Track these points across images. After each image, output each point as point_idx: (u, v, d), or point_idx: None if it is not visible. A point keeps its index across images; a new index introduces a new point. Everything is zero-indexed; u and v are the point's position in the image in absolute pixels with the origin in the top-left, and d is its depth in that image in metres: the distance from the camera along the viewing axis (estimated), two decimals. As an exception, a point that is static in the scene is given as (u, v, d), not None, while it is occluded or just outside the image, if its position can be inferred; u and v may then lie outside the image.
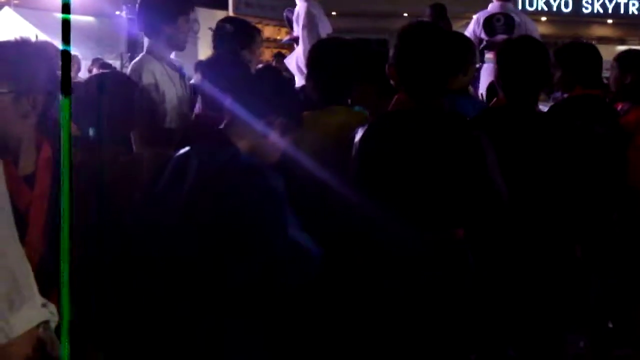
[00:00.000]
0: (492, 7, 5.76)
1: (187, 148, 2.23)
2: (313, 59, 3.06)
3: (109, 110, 2.60)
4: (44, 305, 1.12)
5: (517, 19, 5.64)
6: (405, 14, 15.71)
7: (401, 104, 2.56)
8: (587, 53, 3.62)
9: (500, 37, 5.15)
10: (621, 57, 3.89)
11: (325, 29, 5.97)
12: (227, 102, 2.26)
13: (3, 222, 1.15)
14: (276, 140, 2.22)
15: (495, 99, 3.18)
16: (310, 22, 5.97)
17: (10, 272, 1.08)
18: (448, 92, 2.69)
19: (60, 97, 0.84)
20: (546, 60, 3.02)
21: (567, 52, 3.61)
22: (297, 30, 6.22)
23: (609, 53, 5.28)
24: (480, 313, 2.58)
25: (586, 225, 3.11)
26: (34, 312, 1.10)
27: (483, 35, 5.56)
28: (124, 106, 2.81)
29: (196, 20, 3.88)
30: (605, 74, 4.02)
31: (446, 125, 2.52)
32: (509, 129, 2.86)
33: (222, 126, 2.26)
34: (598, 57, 3.61)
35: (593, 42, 7.37)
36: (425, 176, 2.45)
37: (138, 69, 3.49)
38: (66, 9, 0.81)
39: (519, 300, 2.83)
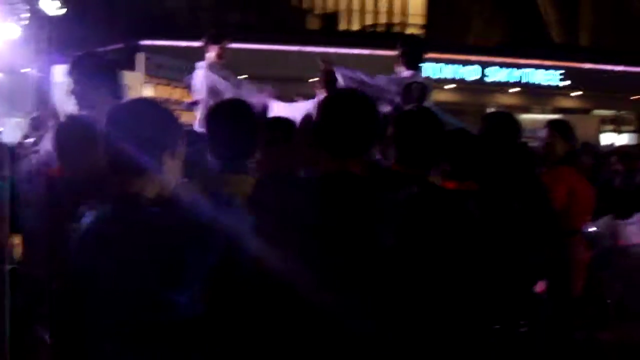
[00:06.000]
0: (408, 74, 5.59)
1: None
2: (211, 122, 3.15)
3: None
4: None
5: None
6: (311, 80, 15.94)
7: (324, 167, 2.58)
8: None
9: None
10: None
11: (230, 93, 5.88)
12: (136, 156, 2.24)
13: None
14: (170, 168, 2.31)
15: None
16: (210, 88, 6.05)
17: None
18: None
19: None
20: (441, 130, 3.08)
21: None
22: (196, 95, 6.30)
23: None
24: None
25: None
26: None
27: (398, 100, 5.42)
28: None
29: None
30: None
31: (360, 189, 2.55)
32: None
33: (129, 179, 2.27)
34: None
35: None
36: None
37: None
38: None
39: None
